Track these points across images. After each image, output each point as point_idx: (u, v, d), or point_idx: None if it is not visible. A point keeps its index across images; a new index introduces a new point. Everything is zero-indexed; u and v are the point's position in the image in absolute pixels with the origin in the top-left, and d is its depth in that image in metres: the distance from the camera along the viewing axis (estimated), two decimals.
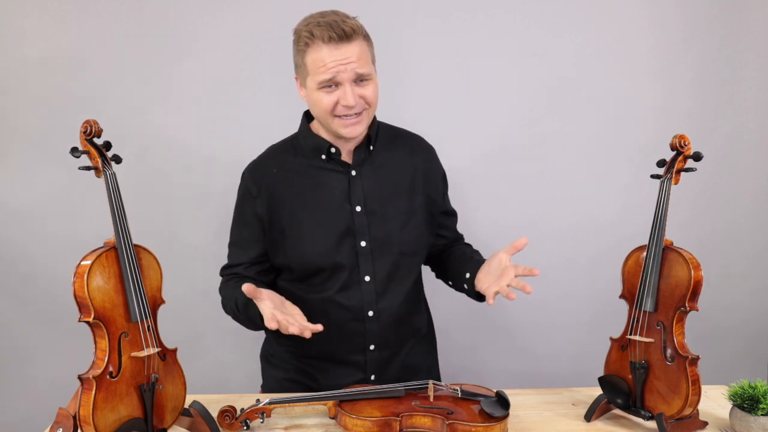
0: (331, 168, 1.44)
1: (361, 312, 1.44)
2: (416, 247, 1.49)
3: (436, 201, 1.53)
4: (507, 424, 1.23)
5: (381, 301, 1.44)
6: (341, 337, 1.45)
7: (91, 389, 1.08)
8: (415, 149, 1.53)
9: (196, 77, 2.03)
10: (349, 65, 1.28)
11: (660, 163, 1.32)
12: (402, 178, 1.48)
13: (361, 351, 1.47)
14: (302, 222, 1.42)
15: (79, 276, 1.09)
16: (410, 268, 1.50)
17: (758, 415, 1.19)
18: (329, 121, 1.35)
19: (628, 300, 1.32)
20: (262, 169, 1.47)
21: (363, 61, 1.30)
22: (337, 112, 1.33)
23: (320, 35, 1.26)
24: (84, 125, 1.15)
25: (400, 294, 1.47)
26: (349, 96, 1.30)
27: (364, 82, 1.32)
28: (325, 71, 1.28)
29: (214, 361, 2.13)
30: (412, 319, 1.54)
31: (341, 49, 1.27)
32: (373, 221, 1.43)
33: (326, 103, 1.32)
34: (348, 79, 1.29)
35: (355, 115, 1.34)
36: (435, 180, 1.54)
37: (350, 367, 1.48)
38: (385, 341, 1.47)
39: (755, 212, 2.21)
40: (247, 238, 1.47)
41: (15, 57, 1.97)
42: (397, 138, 1.53)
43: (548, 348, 2.22)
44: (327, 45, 1.27)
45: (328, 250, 1.41)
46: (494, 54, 2.07)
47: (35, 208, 2.03)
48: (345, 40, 1.27)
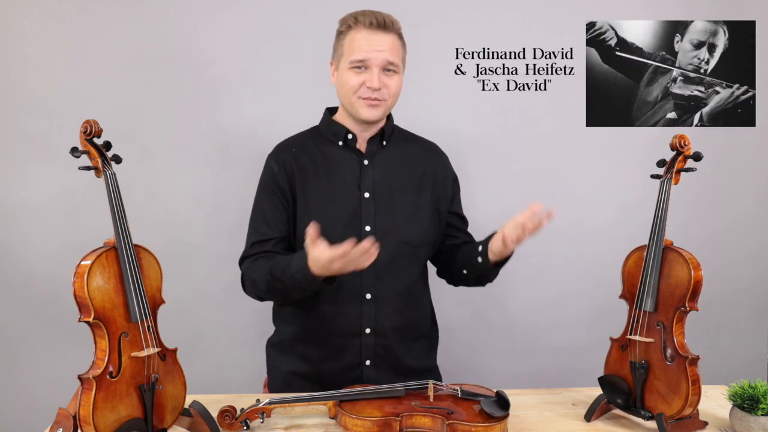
0: (346, 154, 1.54)
1: (360, 293, 1.49)
2: (419, 239, 1.55)
3: (444, 200, 1.61)
4: (507, 424, 1.23)
5: (379, 285, 1.50)
6: (339, 318, 1.50)
7: (91, 389, 1.08)
8: (428, 152, 1.64)
9: (196, 77, 2.02)
10: (381, 52, 1.42)
11: (660, 163, 1.32)
12: (411, 174, 1.57)
13: (357, 334, 1.50)
14: (312, 200, 1.50)
15: (79, 276, 1.09)
16: (412, 259, 1.56)
17: (758, 415, 1.19)
18: (352, 100, 1.46)
19: (628, 300, 1.32)
20: (284, 148, 1.58)
21: (394, 53, 1.45)
22: (361, 93, 1.44)
23: (363, 20, 1.43)
24: (84, 125, 1.16)
25: (399, 282, 1.53)
26: (375, 78, 1.43)
27: (391, 72, 1.46)
28: (360, 52, 1.42)
29: (214, 361, 2.13)
30: (410, 313, 1.57)
31: (378, 36, 1.43)
32: (379, 208, 1.51)
33: (353, 82, 1.44)
34: (377, 65, 1.43)
35: (376, 99, 1.45)
36: (445, 181, 1.62)
37: (346, 351, 1.51)
38: (381, 327, 1.51)
39: (755, 212, 2.21)
40: (273, 213, 1.53)
41: (15, 57, 1.97)
42: (410, 140, 1.64)
43: (548, 348, 2.22)
44: (367, 29, 1.43)
45: (334, 230, 1.43)
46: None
47: (35, 208, 2.03)
48: (383, 29, 1.43)
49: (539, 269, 2.17)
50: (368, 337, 1.51)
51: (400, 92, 1.50)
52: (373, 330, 1.51)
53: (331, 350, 1.52)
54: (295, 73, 2.04)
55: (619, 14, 2.05)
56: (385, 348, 1.53)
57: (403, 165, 1.57)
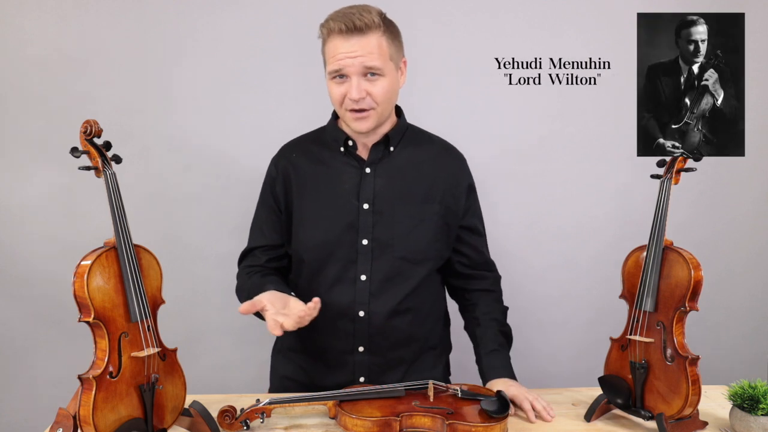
0: (347, 162, 1.46)
1: (352, 311, 1.42)
2: (421, 255, 1.45)
3: (455, 213, 1.50)
4: (507, 424, 1.23)
5: (373, 303, 1.42)
6: (331, 335, 1.45)
7: (91, 389, 1.08)
8: (443, 157, 1.52)
9: (196, 77, 2.02)
10: (356, 58, 1.30)
11: (660, 163, 1.32)
12: (419, 184, 1.46)
13: (350, 352, 1.45)
14: (308, 209, 1.44)
15: (79, 276, 1.09)
16: (411, 275, 1.45)
17: (758, 415, 1.19)
18: (341, 112, 1.39)
19: (628, 300, 1.32)
20: (285, 152, 1.53)
21: (374, 56, 1.31)
22: (346, 105, 1.36)
23: (334, 27, 1.31)
24: (84, 125, 1.15)
25: (395, 299, 1.43)
26: (354, 89, 1.32)
27: (375, 77, 1.33)
28: (335, 62, 1.32)
29: (214, 361, 2.13)
30: (409, 330, 1.47)
31: (351, 42, 1.30)
32: (379, 221, 1.42)
33: (336, 94, 1.36)
34: (355, 72, 1.31)
35: (362, 110, 1.35)
36: (457, 192, 1.50)
37: (339, 367, 1.47)
38: (375, 345, 1.45)
39: (755, 212, 2.21)
40: (266, 220, 1.50)
41: (15, 57, 1.97)
42: (424, 143, 1.52)
43: (548, 348, 2.22)
44: (339, 35, 1.30)
45: (327, 241, 1.41)
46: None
47: (35, 208, 2.03)
48: (356, 33, 1.29)
49: (539, 269, 2.17)
50: (361, 355, 1.45)
51: (394, 94, 1.40)
52: (367, 348, 1.44)
53: (325, 365, 1.48)
54: (296, 73, 2.04)
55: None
56: (381, 366, 1.47)
57: (410, 173, 1.45)
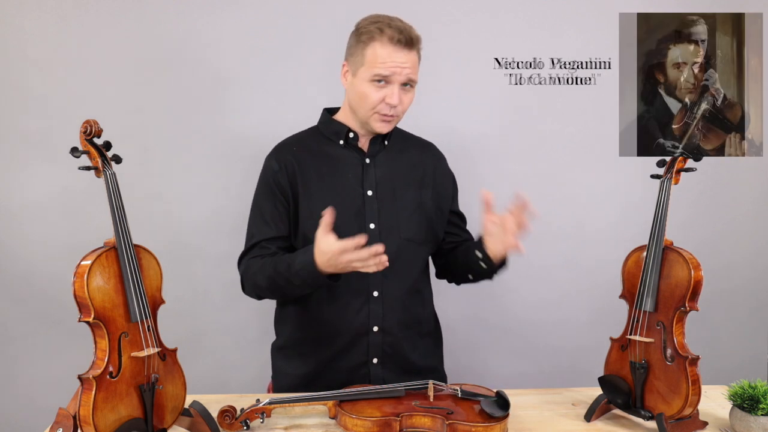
0: (348, 153, 1.54)
1: (367, 291, 1.49)
2: (423, 236, 1.57)
3: (446, 198, 1.63)
4: (507, 424, 1.23)
5: (386, 283, 1.50)
6: (346, 316, 1.49)
7: (91, 389, 1.08)
8: (426, 151, 1.66)
9: (196, 77, 2.02)
10: (405, 69, 1.41)
11: (660, 163, 1.32)
12: (413, 172, 1.59)
13: (365, 332, 1.50)
14: (315, 199, 1.49)
15: (79, 276, 1.09)
16: (416, 256, 1.57)
17: (758, 415, 1.20)
18: (368, 114, 1.45)
19: (628, 300, 1.32)
20: (284, 148, 1.57)
21: (415, 70, 1.45)
22: (380, 109, 1.44)
23: (390, 35, 1.39)
24: (84, 125, 1.16)
25: (405, 280, 1.53)
26: (395, 96, 1.42)
27: (408, 88, 1.46)
28: (384, 68, 1.40)
29: (214, 361, 2.13)
30: (416, 311, 1.58)
31: (403, 53, 1.40)
32: (383, 206, 1.52)
33: (374, 97, 1.42)
34: (399, 81, 1.42)
35: (393, 115, 1.46)
36: (444, 180, 1.64)
37: (353, 349, 1.51)
38: (388, 325, 1.51)
39: (755, 212, 2.21)
40: (272, 212, 1.52)
41: (15, 57, 1.97)
42: (409, 140, 1.66)
43: (548, 348, 2.22)
44: (393, 45, 1.40)
45: (337, 227, 1.42)
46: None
47: (35, 208, 2.03)
48: (408, 47, 1.41)
49: (539, 269, 2.16)
50: (376, 335, 1.51)
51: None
52: (381, 328, 1.51)
53: (339, 350, 1.52)
54: (296, 73, 2.04)
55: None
56: (393, 346, 1.53)
57: (404, 163, 1.58)
